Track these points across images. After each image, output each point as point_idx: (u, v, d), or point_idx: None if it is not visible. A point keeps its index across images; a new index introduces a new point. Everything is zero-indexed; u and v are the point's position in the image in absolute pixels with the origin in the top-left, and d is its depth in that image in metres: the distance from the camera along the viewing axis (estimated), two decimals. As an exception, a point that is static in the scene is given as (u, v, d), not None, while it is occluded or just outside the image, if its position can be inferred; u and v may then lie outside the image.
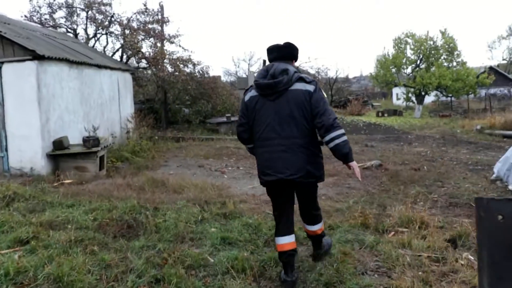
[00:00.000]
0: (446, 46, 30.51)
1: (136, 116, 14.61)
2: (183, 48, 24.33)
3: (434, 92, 31.20)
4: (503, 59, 49.19)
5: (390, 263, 4.07)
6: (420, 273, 3.82)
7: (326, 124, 3.34)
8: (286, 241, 3.61)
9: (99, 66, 12.24)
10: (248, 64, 74.42)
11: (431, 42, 31.36)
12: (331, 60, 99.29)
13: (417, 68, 32.32)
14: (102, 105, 12.30)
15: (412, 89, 31.01)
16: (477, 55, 50.38)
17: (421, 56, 32.03)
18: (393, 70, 32.39)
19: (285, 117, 3.41)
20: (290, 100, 3.41)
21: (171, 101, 21.49)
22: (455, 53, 30.92)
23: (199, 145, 14.39)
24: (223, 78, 70.51)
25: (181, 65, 19.99)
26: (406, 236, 4.66)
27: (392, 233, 5.03)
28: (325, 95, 3.62)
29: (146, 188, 7.33)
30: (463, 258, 4.08)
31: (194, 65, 21.01)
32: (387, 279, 3.79)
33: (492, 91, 35.03)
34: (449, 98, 33.02)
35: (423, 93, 30.83)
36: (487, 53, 80.00)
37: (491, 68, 40.86)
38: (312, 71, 31.23)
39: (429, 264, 4.01)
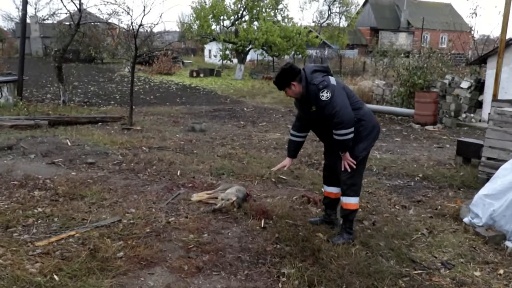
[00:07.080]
0: (271, -2, 26.43)
1: None
2: None
3: (260, 51, 26.92)
4: (313, 21, 48.55)
5: None
6: None
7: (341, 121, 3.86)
8: (331, 191, 4.35)
9: None
10: (35, 9, 60.11)
11: (254, -9, 26.89)
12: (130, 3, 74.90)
13: (239, 21, 27.65)
14: None
15: (232, 45, 26.17)
16: (289, 15, 48.53)
17: (243, 7, 27.36)
18: (212, 21, 27.07)
19: None
20: None
21: None
22: (280, 6, 27.17)
23: None
24: (2, 24, 55.88)
25: None
26: None
27: None
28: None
29: None
30: None
31: None
32: None
33: (309, 52, 32.93)
34: (270, 58, 29.33)
35: (246, 50, 26.35)
36: (299, 13, 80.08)
37: (306, 28, 39.14)
38: (103, 16, 15.59)
39: None
